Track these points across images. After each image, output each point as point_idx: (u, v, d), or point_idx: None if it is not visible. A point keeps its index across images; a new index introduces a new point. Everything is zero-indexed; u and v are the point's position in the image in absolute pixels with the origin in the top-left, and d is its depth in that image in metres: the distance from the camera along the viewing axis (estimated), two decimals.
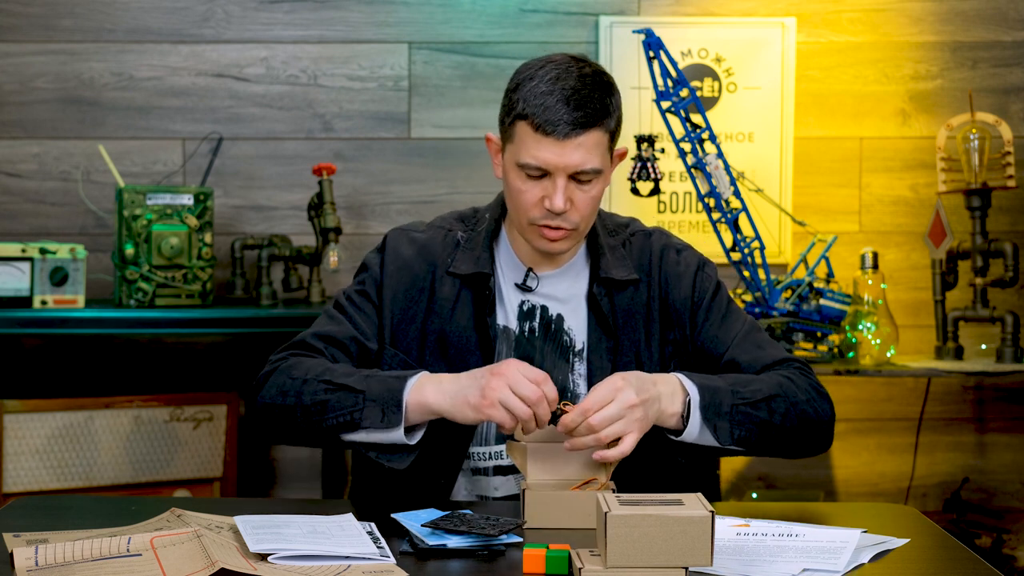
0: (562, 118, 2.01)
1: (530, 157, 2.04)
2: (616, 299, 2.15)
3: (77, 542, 1.63)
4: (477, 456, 2.14)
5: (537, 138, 2.03)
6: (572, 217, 2.06)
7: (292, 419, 2.04)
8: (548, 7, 3.54)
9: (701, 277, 2.19)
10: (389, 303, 2.16)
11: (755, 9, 3.55)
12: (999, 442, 3.62)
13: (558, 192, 2.03)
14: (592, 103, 2.03)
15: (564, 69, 2.05)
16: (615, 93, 2.09)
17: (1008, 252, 3.30)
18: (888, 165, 3.58)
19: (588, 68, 2.07)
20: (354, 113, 3.54)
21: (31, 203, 3.52)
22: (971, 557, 1.76)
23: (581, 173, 2.04)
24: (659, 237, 2.22)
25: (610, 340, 2.14)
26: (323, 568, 1.63)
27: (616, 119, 2.08)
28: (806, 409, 2.07)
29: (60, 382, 3.45)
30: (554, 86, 2.03)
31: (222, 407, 3.36)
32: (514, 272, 2.18)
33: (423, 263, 2.18)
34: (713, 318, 2.17)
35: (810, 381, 2.12)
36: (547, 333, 2.15)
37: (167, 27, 3.52)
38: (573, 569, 1.61)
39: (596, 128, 2.03)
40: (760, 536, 1.78)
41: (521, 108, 2.04)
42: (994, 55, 3.57)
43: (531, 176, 2.06)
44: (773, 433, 2.04)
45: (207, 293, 3.25)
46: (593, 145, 2.03)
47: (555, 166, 2.03)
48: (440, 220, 2.25)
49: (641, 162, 3.32)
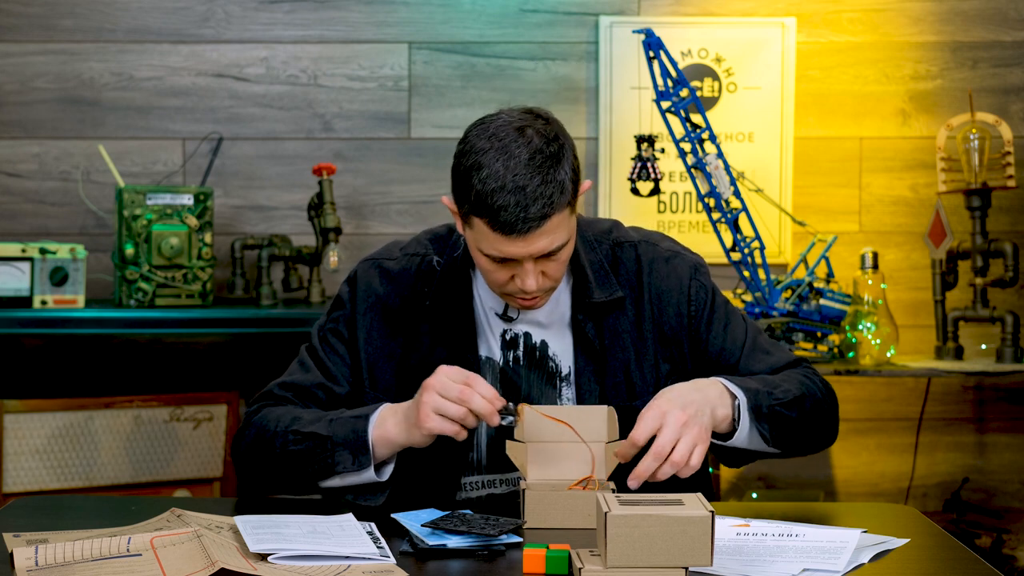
0: (519, 217, 1.91)
1: (494, 250, 1.96)
2: (600, 320, 2.10)
3: (77, 542, 1.63)
4: (469, 486, 2.10)
5: (497, 236, 1.95)
6: (544, 284, 2.01)
7: (273, 472, 2.06)
8: (548, 7, 3.54)
9: (695, 287, 2.13)
10: (363, 344, 2.12)
11: (755, 9, 3.55)
12: (999, 442, 3.62)
13: (528, 276, 1.97)
14: (546, 194, 1.92)
15: (511, 151, 1.93)
16: (565, 157, 1.96)
17: (1008, 252, 3.29)
18: (888, 165, 3.58)
19: (535, 139, 1.94)
20: (354, 113, 3.54)
21: (31, 203, 3.52)
22: (971, 557, 1.76)
23: (550, 252, 1.97)
24: (646, 249, 2.14)
25: (597, 363, 2.09)
26: (323, 568, 1.63)
27: (573, 184, 1.97)
28: (824, 406, 2.09)
29: (60, 382, 3.45)
30: (504, 179, 1.91)
31: (222, 407, 3.36)
32: (494, 300, 2.11)
33: (397, 298, 2.12)
34: (716, 329, 2.12)
35: (821, 379, 2.13)
36: (532, 360, 2.10)
37: (167, 27, 3.52)
38: (573, 569, 1.61)
39: (556, 213, 1.94)
40: (760, 536, 1.78)
41: (476, 206, 1.94)
42: (994, 55, 3.57)
43: (497, 260, 1.99)
44: (800, 432, 2.05)
45: (207, 293, 3.25)
46: (556, 227, 1.95)
47: (521, 256, 1.96)
48: (415, 244, 2.17)
49: (641, 162, 3.32)
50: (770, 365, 2.12)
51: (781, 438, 2.02)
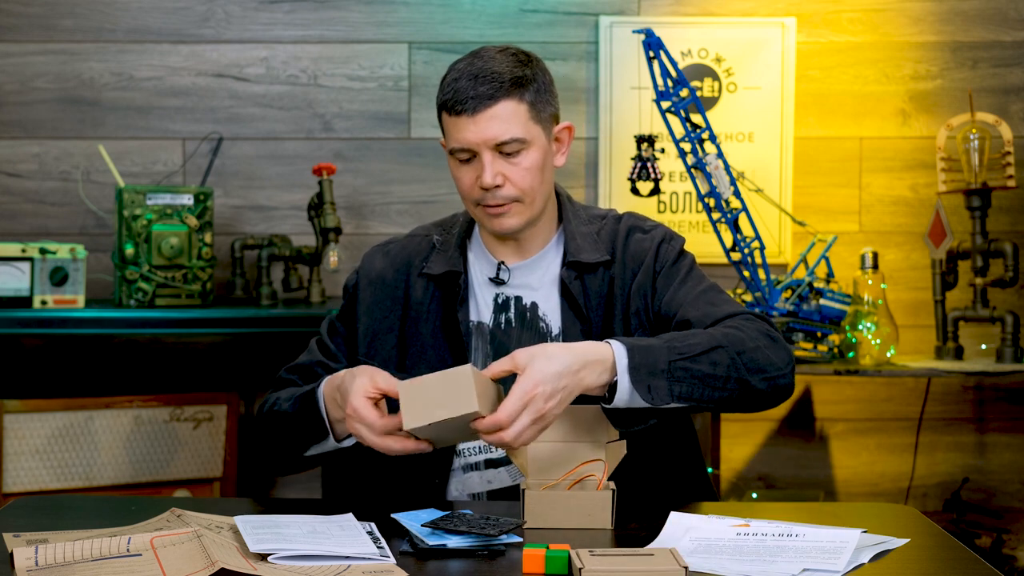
0: (469, 95, 2.07)
1: (454, 141, 2.11)
2: (587, 281, 2.17)
3: (77, 542, 1.63)
4: (467, 452, 2.16)
5: (454, 121, 2.09)
6: (508, 191, 2.10)
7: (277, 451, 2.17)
8: (548, 7, 3.54)
9: (664, 248, 2.19)
10: (363, 316, 2.23)
11: (755, 9, 3.55)
12: (999, 442, 3.62)
13: (486, 168, 2.08)
14: (499, 77, 2.08)
15: (479, 56, 2.11)
16: (532, 67, 2.12)
17: (1008, 252, 3.29)
18: (888, 165, 3.58)
19: (507, 51, 2.13)
20: (354, 113, 3.54)
21: (31, 203, 3.52)
22: (971, 557, 1.76)
23: (503, 144, 2.08)
24: (628, 219, 2.25)
25: (583, 323, 2.15)
26: (323, 568, 1.63)
27: (534, 90, 2.11)
28: (755, 357, 1.99)
29: (60, 382, 3.45)
30: (464, 71, 2.10)
31: (222, 407, 3.36)
32: (488, 268, 2.22)
33: (395, 271, 2.24)
34: (671, 282, 2.16)
35: (761, 328, 2.05)
36: (523, 322, 2.18)
37: (167, 27, 3.52)
38: (573, 569, 1.61)
39: (507, 99, 2.08)
40: (760, 536, 1.78)
41: (440, 99, 2.12)
42: (994, 55, 3.57)
43: (463, 161, 2.12)
44: (719, 385, 1.96)
45: (207, 293, 3.25)
46: (509, 115, 2.08)
47: (475, 143, 2.08)
48: (420, 228, 2.33)
49: (641, 162, 3.32)
50: (709, 315, 2.08)
51: (689, 394, 1.94)
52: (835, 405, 3.60)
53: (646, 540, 1.79)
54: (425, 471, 2.13)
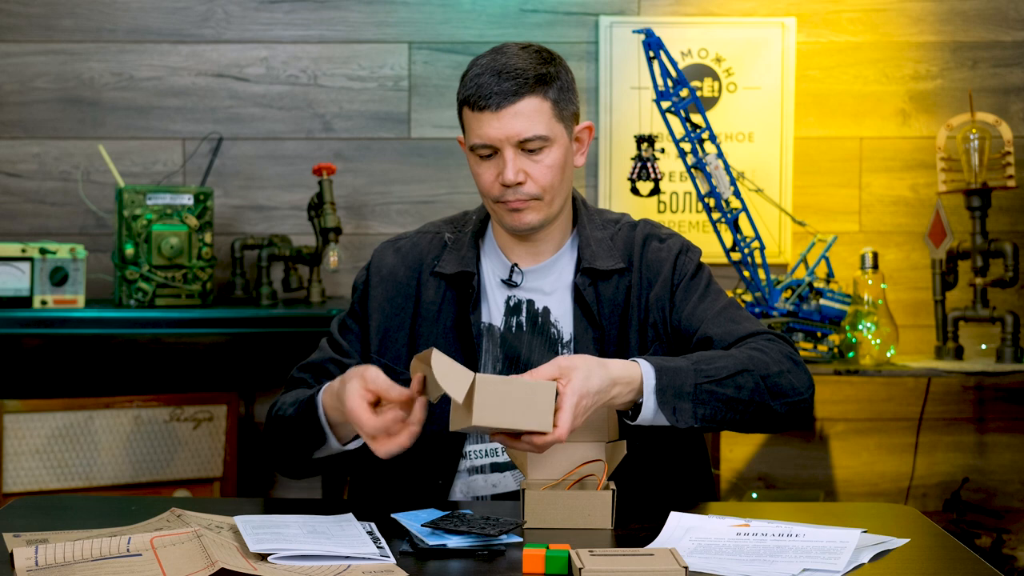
0: (493, 91, 2.06)
1: (475, 137, 2.10)
2: (601, 289, 2.16)
3: (77, 542, 1.63)
4: (473, 454, 2.14)
5: (476, 116, 2.08)
6: (529, 188, 2.09)
7: (283, 455, 2.13)
8: (548, 7, 3.54)
9: (682, 260, 2.18)
10: (375, 313, 2.20)
11: (755, 9, 3.55)
12: (999, 442, 3.62)
13: (508, 164, 2.07)
14: (524, 73, 2.07)
15: (502, 52, 2.11)
16: (556, 65, 2.12)
17: (1008, 252, 3.29)
18: (888, 165, 3.58)
19: (530, 48, 2.12)
20: (354, 113, 3.54)
21: (31, 203, 3.52)
22: (971, 557, 1.76)
23: (526, 142, 2.07)
24: (644, 227, 2.23)
25: (596, 330, 2.14)
26: (323, 568, 1.63)
27: (558, 88, 2.10)
28: (778, 382, 2.01)
29: (60, 382, 3.46)
30: (488, 67, 2.09)
31: (222, 407, 3.36)
32: (501, 269, 2.20)
33: (407, 269, 2.22)
34: (690, 297, 2.15)
35: (784, 351, 2.06)
36: (535, 327, 2.16)
37: (167, 27, 3.52)
38: (573, 569, 1.61)
39: (531, 95, 2.07)
40: (760, 536, 1.78)
41: (462, 94, 2.11)
42: (994, 55, 3.57)
43: (484, 157, 2.11)
44: (741, 408, 1.98)
45: (207, 293, 3.25)
46: (532, 112, 2.07)
47: (497, 139, 2.07)
48: (430, 224, 2.30)
49: (641, 162, 3.32)
50: (731, 332, 2.09)
51: (712, 416, 1.96)
52: (835, 405, 3.60)
53: (646, 540, 1.79)
54: (430, 472, 2.12)
